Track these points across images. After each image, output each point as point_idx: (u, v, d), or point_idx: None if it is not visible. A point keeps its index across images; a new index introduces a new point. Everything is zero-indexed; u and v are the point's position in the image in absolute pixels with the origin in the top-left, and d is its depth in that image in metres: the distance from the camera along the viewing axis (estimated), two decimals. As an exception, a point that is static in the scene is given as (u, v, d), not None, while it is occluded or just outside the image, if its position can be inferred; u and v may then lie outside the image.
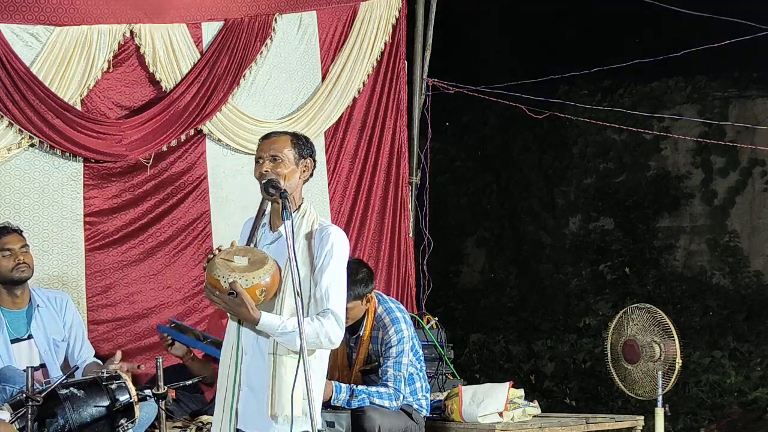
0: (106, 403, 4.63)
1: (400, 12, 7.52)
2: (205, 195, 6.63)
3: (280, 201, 3.87)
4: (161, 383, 4.74)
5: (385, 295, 5.72)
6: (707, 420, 9.33)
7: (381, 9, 7.37)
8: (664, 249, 12.04)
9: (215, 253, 3.84)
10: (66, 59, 6.07)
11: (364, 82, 7.29)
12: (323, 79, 7.12)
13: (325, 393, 4.39)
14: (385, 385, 5.40)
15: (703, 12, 8.86)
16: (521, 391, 6.10)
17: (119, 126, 6.26)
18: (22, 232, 5.40)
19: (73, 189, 6.19)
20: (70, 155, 6.13)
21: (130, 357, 6.18)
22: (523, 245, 13.01)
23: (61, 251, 6.12)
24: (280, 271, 3.86)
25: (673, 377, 6.16)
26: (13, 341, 5.24)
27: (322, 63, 7.14)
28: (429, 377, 6.14)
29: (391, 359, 5.42)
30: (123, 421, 4.67)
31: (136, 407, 4.72)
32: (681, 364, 6.17)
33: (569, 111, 10.91)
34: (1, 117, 5.91)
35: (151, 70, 6.37)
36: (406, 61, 7.63)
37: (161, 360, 4.80)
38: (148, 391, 4.82)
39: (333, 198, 7.17)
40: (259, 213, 3.98)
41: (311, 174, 4.07)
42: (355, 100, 7.27)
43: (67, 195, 6.17)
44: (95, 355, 5.58)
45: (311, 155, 4.05)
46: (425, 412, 5.66)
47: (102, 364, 5.38)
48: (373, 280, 5.54)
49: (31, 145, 6.03)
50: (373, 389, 5.37)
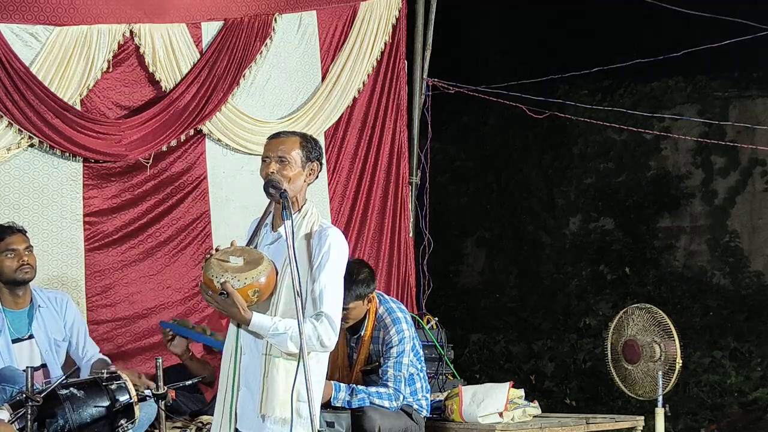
0: (106, 403, 4.63)
1: (400, 12, 7.51)
2: (205, 195, 6.62)
3: (280, 201, 3.86)
4: (161, 383, 4.73)
5: (386, 296, 5.72)
6: (707, 420, 9.33)
7: (381, 9, 7.36)
8: (664, 249, 12.03)
9: (212, 253, 3.83)
10: (65, 59, 6.06)
11: (364, 82, 7.29)
12: (323, 78, 7.12)
13: (324, 393, 4.38)
14: (386, 386, 5.39)
15: (703, 12, 8.83)
16: (521, 392, 6.10)
17: (119, 126, 6.25)
18: (26, 232, 5.39)
19: (73, 189, 6.17)
20: (69, 155, 6.12)
21: (129, 357, 6.21)
22: (523, 245, 12.99)
23: (60, 251, 6.11)
24: (277, 272, 3.83)
25: (674, 377, 6.15)
26: (14, 341, 5.24)
27: (321, 63, 7.13)
28: (429, 377, 6.13)
29: (392, 359, 5.41)
30: (123, 421, 4.67)
31: (136, 407, 4.72)
32: (681, 365, 6.16)
33: (569, 111, 10.90)
34: (1, 117, 5.90)
35: (150, 70, 6.36)
36: (406, 61, 7.62)
37: (161, 360, 4.79)
38: (147, 391, 4.82)
39: (333, 198, 7.16)
40: (266, 213, 3.95)
41: (317, 177, 4.02)
42: (355, 99, 7.26)
43: (67, 195, 6.16)
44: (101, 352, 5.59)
45: (318, 158, 4.00)
46: (425, 413, 5.65)
47: (110, 361, 5.39)
48: (375, 281, 5.53)
49: (31, 145, 6.02)
50: (373, 389, 5.36)
